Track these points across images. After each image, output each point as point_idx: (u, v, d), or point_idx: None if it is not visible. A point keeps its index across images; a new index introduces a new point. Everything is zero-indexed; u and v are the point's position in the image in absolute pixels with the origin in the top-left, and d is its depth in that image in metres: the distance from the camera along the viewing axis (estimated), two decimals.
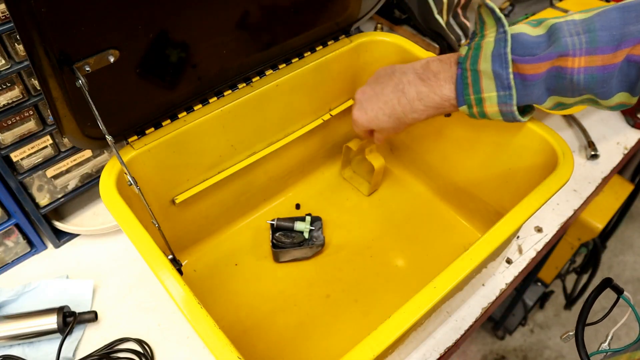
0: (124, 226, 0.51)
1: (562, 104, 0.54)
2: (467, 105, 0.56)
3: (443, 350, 0.66)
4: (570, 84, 0.50)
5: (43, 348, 0.66)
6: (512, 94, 0.53)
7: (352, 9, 0.74)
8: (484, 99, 0.54)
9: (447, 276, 0.47)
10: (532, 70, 0.51)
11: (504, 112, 0.54)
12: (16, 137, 0.63)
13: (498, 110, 0.54)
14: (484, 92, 0.54)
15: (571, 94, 0.52)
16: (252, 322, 0.69)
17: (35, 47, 0.44)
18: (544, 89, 0.52)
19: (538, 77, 0.51)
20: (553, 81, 0.51)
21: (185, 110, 0.63)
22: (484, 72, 0.53)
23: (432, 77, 0.58)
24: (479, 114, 0.56)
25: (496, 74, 0.52)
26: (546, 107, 0.55)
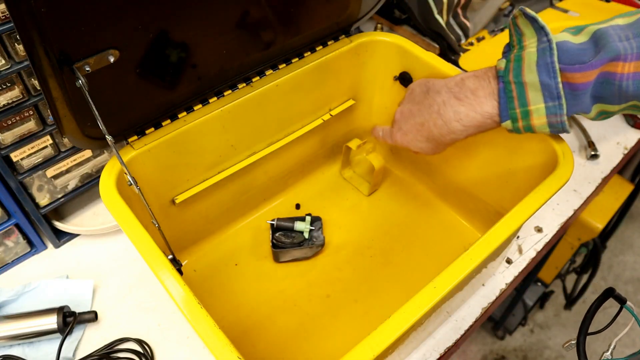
0: (124, 226, 0.51)
1: (605, 112, 0.52)
2: (512, 119, 0.53)
3: (443, 350, 0.66)
4: (618, 91, 0.48)
5: (43, 348, 0.66)
6: (562, 104, 0.50)
7: (352, 9, 0.74)
8: (531, 111, 0.52)
9: (447, 276, 0.47)
10: (582, 79, 0.49)
11: (553, 123, 0.52)
12: (16, 137, 0.63)
13: (546, 122, 0.52)
14: (531, 105, 0.51)
15: (617, 101, 0.50)
16: (252, 322, 0.69)
17: (35, 47, 0.44)
18: (590, 97, 0.50)
19: (588, 85, 0.49)
20: (599, 88, 0.49)
21: (185, 110, 0.63)
22: (530, 84, 0.51)
23: (470, 95, 0.55)
24: (524, 127, 0.53)
25: (544, 85, 0.50)
26: (590, 116, 0.53)
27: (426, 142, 0.61)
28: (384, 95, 0.81)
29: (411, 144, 0.63)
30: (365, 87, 0.81)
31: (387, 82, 0.79)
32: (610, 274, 1.87)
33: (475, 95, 0.55)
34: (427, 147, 0.62)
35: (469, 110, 0.55)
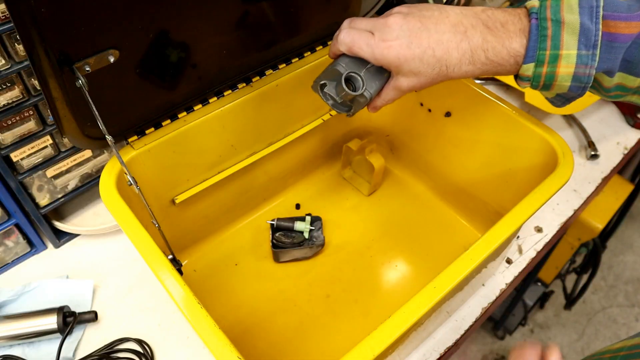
0: (124, 226, 0.51)
1: (622, 88, 0.49)
2: (537, 62, 0.48)
3: (443, 350, 0.66)
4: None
5: (43, 348, 0.66)
6: (595, 54, 0.46)
7: (352, 9, 0.74)
8: (562, 56, 0.47)
9: (447, 276, 0.47)
10: (625, 29, 0.45)
11: (580, 75, 0.47)
12: (16, 137, 0.63)
13: (572, 72, 0.47)
14: (564, 49, 0.46)
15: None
16: (252, 322, 0.69)
17: (35, 47, 0.44)
18: (618, 61, 0.47)
19: (628, 39, 0.45)
20: (635, 51, 0.46)
21: (185, 110, 0.63)
22: (569, 24, 0.46)
23: (500, 27, 0.49)
24: (546, 76, 0.48)
25: (584, 28, 0.45)
26: (607, 85, 0.49)
27: (432, 66, 0.50)
28: None
29: (412, 63, 0.50)
30: None
31: None
32: (610, 274, 1.87)
33: (505, 28, 0.48)
34: (427, 73, 0.51)
35: (496, 42, 0.48)
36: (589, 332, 1.71)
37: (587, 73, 0.47)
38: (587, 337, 1.70)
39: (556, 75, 0.48)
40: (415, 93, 0.76)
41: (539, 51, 0.47)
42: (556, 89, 0.50)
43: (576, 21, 0.46)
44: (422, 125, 0.78)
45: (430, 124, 0.76)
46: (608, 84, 0.49)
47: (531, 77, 0.49)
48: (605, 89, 0.50)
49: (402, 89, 0.53)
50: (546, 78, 0.48)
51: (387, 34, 0.50)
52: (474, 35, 0.49)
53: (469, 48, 0.49)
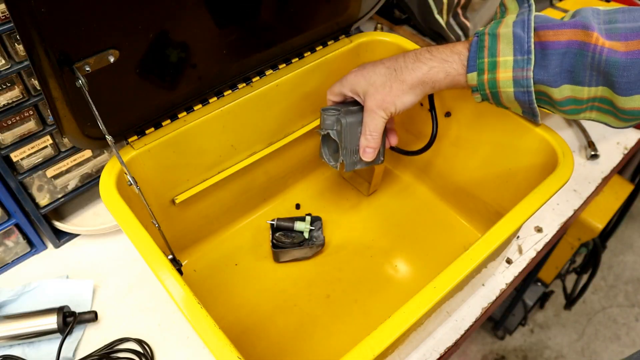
0: (124, 226, 0.51)
1: (574, 101, 0.52)
2: (478, 71, 0.53)
3: (443, 350, 0.66)
4: (590, 63, 0.48)
5: (43, 348, 0.66)
6: (530, 59, 0.50)
7: (352, 9, 0.74)
8: (499, 63, 0.51)
9: (447, 276, 0.47)
10: (554, 37, 0.49)
11: (519, 79, 0.51)
12: (16, 137, 0.63)
13: (512, 76, 0.51)
14: (500, 56, 0.51)
15: (588, 81, 0.49)
16: (252, 322, 0.69)
17: (35, 47, 0.44)
18: (560, 67, 0.50)
19: (559, 45, 0.49)
20: (572, 60, 0.49)
21: (185, 110, 0.63)
22: (503, 35, 0.51)
23: (450, 45, 0.56)
24: (489, 83, 0.52)
25: (516, 37, 0.50)
26: (557, 97, 0.52)
27: (376, 75, 0.59)
28: None
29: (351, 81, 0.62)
30: None
31: None
32: (610, 274, 1.87)
33: (453, 45, 0.56)
34: (376, 85, 0.59)
35: (440, 47, 0.56)
36: (589, 332, 1.71)
37: (525, 76, 0.51)
38: (587, 337, 1.70)
39: (497, 81, 0.52)
40: None
41: (478, 60, 0.52)
42: (505, 98, 0.53)
43: (510, 33, 0.51)
44: (422, 125, 0.78)
45: (430, 123, 0.76)
46: (558, 96, 0.52)
47: (477, 85, 0.53)
48: (558, 102, 0.52)
49: (369, 108, 0.60)
50: (489, 85, 0.53)
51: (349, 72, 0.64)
52: (420, 49, 0.58)
53: (413, 52, 0.58)
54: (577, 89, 0.51)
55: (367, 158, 0.63)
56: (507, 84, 0.52)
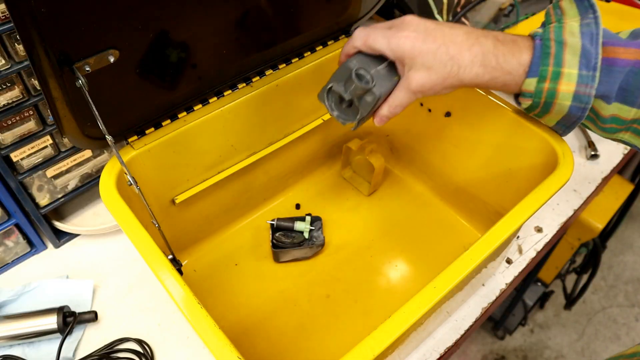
0: (124, 226, 0.51)
1: (617, 119, 0.50)
2: (540, 78, 0.49)
3: (443, 350, 0.66)
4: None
5: (43, 348, 0.66)
6: (595, 77, 0.48)
7: (352, 9, 0.74)
8: (563, 74, 0.48)
9: (447, 276, 0.47)
10: (624, 55, 0.47)
11: (580, 94, 0.48)
12: (16, 137, 0.63)
13: (574, 91, 0.48)
14: (565, 67, 0.48)
15: (639, 103, 0.48)
16: (252, 322, 0.69)
17: (35, 47, 0.44)
18: (616, 87, 0.48)
19: (627, 64, 0.47)
20: (632, 79, 0.47)
21: (185, 110, 0.63)
22: (571, 45, 0.48)
23: (510, 42, 0.51)
24: (547, 92, 0.49)
25: (585, 50, 0.47)
26: (605, 114, 0.50)
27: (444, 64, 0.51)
28: None
29: (427, 56, 0.50)
30: None
31: None
32: (610, 274, 1.87)
33: (514, 43, 0.51)
34: (439, 70, 0.51)
35: (507, 52, 0.50)
36: (589, 332, 1.71)
37: (587, 92, 0.48)
38: (587, 337, 1.70)
39: (557, 92, 0.49)
40: None
41: (541, 67, 0.49)
42: (556, 109, 0.51)
43: (578, 44, 0.48)
44: (422, 125, 0.78)
45: (430, 124, 0.76)
46: (605, 113, 0.50)
47: (533, 92, 0.50)
48: (602, 118, 0.51)
49: (411, 88, 0.52)
50: (547, 95, 0.49)
51: (404, 28, 0.52)
52: (486, 42, 0.51)
53: (480, 51, 0.50)
54: (624, 109, 0.49)
55: (379, 124, 0.57)
56: (566, 97, 0.49)
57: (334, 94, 0.57)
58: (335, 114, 0.58)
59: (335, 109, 0.58)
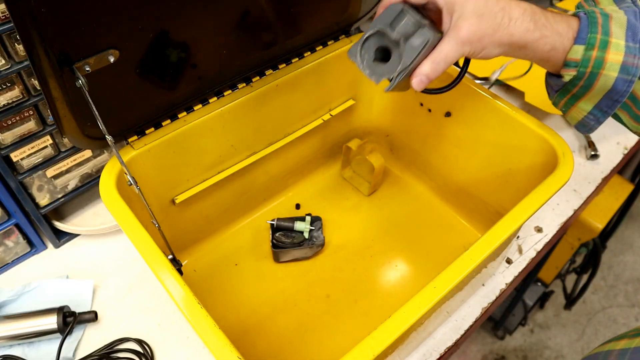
0: (124, 226, 0.51)
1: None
2: (588, 45, 0.47)
3: (443, 350, 0.66)
4: None
5: (43, 348, 0.66)
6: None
7: (352, 9, 0.74)
8: (611, 43, 0.47)
9: (447, 276, 0.47)
10: None
11: (628, 65, 0.47)
12: (16, 137, 0.63)
13: (622, 61, 0.47)
14: (613, 37, 0.47)
15: None
16: (252, 322, 0.69)
17: (35, 47, 0.44)
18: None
19: None
20: None
21: (185, 110, 0.63)
22: (616, 18, 0.47)
23: (556, 13, 0.50)
24: (594, 62, 0.47)
25: (630, 23, 0.47)
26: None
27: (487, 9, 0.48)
28: (384, 95, 0.81)
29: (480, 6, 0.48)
30: (365, 87, 0.81)
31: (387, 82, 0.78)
32: (610, 274, 1.87)
33: (559, 14, 0.50)
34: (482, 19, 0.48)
35: (555, 15, 0.50)
36: (589, 332, 1.71)
37: (636, 64, 0.47)
38: (587, 337, 1.70)
39: (605, 62, 0.47)
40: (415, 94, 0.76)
41: (590, 34, 0.47)
42: (600, 82, 0.48)
43: (623, 17, 0.47)
44: (422, 125, 0.78)
45: (430, 124, 0.76)
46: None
47: (579, 60, 0.48)
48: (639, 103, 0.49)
49: (461, 36, 0.48)
50: (595, 64, 0.47)
51: None
52: (532, 4, 0.50)
53: (530, 8, 0.49)
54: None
55: (418, 87, 0.50)
56: (613, 67, 0.47)
57: (373, 42, 0.51)
58: (367, 72, 0.52)
59: (367, 67, 0.52)
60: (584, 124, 0.55)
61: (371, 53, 0.51)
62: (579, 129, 0.56)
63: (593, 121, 0.54)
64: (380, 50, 0.51)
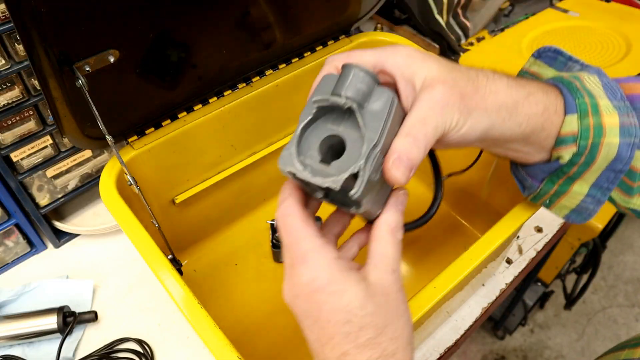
0: (124, 226, 0.51)
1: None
2: (580, 112, 0.39)
3: (443, 350, 0.66)
4: None
5: (43, 348, 0.66)
6: (628, 106, 0.40)
7: (352, 9, 0.74)
8: (600, 106, 0.39)
9: (447, 276, 0.47)
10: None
11: (626, 126, 0.39)
12: (16, 137, 0.63)
13: (619, 122, 0.39)
14: (598, 98, 0.39)
15: None
16: (252, 322, 0.69)
17: (35, 47, 0.44)
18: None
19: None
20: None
21: (185, 110, 0.63)
22: (588, 78, 0.40)
23: (525, 79, 0.41)
24: (594, 129, 0.39)
25: (604, 82, 0.40)
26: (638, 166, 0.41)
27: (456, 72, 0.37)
28: None
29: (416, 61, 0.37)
30: None
31: None
32: (610, 274, 1.87)
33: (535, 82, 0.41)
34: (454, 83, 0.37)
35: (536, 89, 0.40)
36: (589, 332, 1.71)
37: (633, 122, 0.39)
38: (587, 337, 1.70)
39: (604, 128, 0.39)
40: None
41: (577, 99, 0.39)
42: (603, 153, 0.39)
43: (592, 76, 0.41)
44: None
45: None
46: (638, 165, 0.41)
47: (577, 133, 0.39)
48: (634, 174, 0.42)
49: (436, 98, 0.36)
50: (595, 132, 0.39)
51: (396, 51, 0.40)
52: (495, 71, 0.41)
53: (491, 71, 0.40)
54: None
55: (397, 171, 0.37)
56: (613, 132, 0.39)
57: (313, 135, 0.36)
58: (318, 180, 0.34)
59: (315, 172, 0.34)
60: (580, 211, 0.45)
61: (315, 152, 0.35)
62: (574, 220, 0.46)
63: (592, 204, 0.44)
64: (327, 146, 0.36)
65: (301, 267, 0.35)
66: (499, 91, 0.38)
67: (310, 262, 0.35)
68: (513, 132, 0.39)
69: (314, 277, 0.35)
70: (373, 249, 0.39)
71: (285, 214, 0.37)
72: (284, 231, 0.37)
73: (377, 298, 0.35)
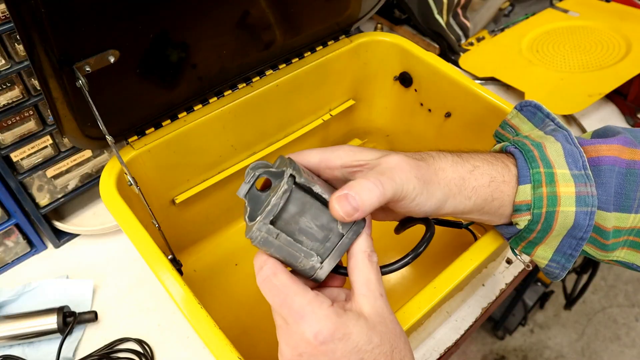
0: (124, 226, 0.51)
1: (618, 232, 0.42)
2: (534, 183, 0.41)
3: (443, 350, 0.66)
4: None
5: (43, 348, 0.66)
6: (589, 175, 0.40)
7: (352, 9, 0.74)
8: (557, 175, 0.40)
9: (447, 276, 0.48)
10: (607, 152, 0.41)
11: (582, 195, 0.40)
12: (16, 137, 0.63)
13: (574, 192, 0.40)
14: (556, 167, 0.41)
15: (636, 207, 0.41)
16: (252, 322, 0.69)
17: (35, 47, 0.44)
18: (612, 190, 0.41)
19: (613, 162, 0.41)
20: (624, 182, 0.41)
21: (186, 111, 0.63)
22: (550, 146, 0.42)
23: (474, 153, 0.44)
24: (548, 198, 0.40)
25: (566, 150, 0.41)
26: (608, 226, 0.42)
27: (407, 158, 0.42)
28: (384, 95, 0.81)
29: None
30: (365, 87, 0.81)
31: (387, 82, 0.79)
32: (610, 274, 1.87)
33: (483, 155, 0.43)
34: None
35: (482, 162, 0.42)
36: (589, 332, 1.71)
37: (590, 192, 0.40)
38: (587, 337, 1.70)
39: (558, 197, 0.40)
40: (416, 92, 0.76)
41: (532, 170, 0.41)
42: (560, 221, 0.41)
43: (556, 144, 0.42)
44: (422, 125, 0.78)
45: (430, 124, 0.76)
46: (608, 225, 0.42)
47: (531, 202, 0.41)
48: (606, 232, 0.42)
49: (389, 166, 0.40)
50: (549, 202, 0.40)
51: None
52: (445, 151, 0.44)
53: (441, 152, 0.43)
54: (622, 217, 0.42)
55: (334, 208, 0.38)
56: (569, 201, 0.40)
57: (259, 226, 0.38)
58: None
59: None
60: (548, 273, 0.47)
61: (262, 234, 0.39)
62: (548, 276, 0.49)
63: (558, 269, 0.46)
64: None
65: (301, 324, 0.36)
66: (446, 168, 0.41)
67: (308, 317, 0.36)
68: (465, 206, 0.42)
69: (318, 330, 0.35)
70: (356, 279, 0.42)
71: (269, 276, 0.39)
72: (272, 293, 0.39)
73: (378, 328, 0.37)
